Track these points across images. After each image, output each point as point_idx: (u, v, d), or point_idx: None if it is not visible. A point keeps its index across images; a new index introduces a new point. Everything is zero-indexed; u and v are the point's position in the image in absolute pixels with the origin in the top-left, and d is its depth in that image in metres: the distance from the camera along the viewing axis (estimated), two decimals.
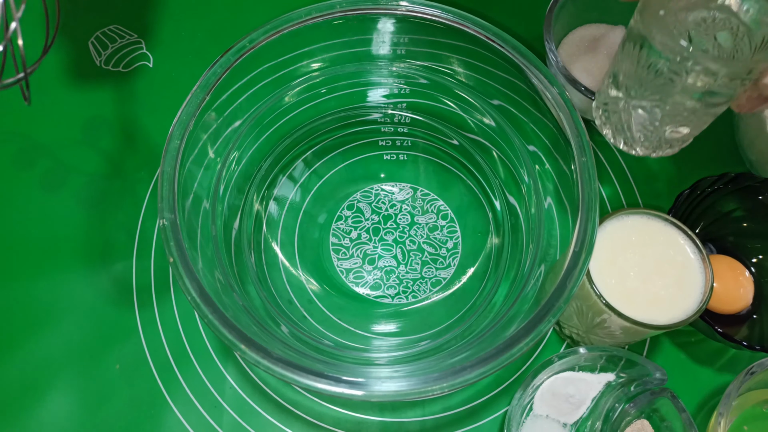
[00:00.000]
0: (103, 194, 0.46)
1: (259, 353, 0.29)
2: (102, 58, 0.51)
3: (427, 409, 0.40)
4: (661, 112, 0.31)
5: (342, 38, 0.39)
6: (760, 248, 0.42)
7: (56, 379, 0.40)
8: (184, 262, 0.31)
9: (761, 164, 0.44)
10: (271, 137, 0.42)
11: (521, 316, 0.32)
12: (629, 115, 0.32)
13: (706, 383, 0.41)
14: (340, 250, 0.43)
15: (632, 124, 0.33)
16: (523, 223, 0.40)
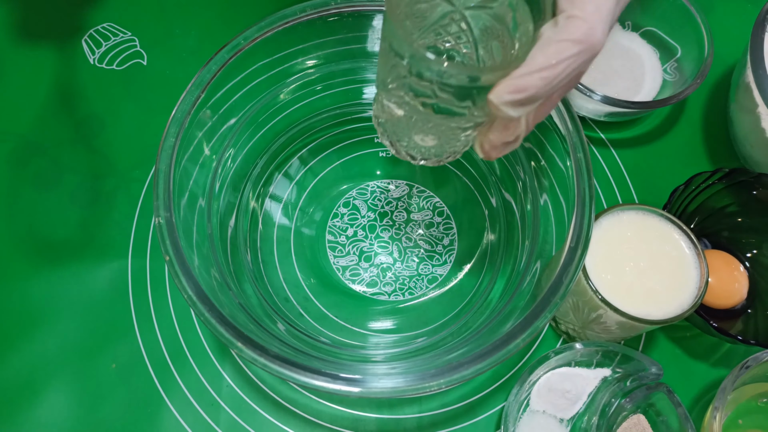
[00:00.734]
0: (98, 193, 0.46)
1: (256, 351, 0.29)
2: (96, 56, 0.51)
3: (424, 406, 0.40)
4: (408, 121, 0.28)
5: (337, 35, 0.39)
6: (754, 243, 0.42)
7: (52, 379, 0.40)
8: (180, 261, 0.31)
9: (755, 159, 0.45)
10: (266, 135, 0.42)
11: (517, 313, 0.32)
12: (394, 126, 0.30)
13: (702, 378, 0.41)
14: (336, 248, 0.43)
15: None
16: (519, 220, 0.40)
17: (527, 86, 0.22)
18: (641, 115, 0.49)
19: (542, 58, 0.22)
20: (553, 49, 0.22)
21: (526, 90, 0.22)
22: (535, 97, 0.23)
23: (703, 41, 0.45)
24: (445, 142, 0.29)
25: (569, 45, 0.22)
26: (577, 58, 0.22)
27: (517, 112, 0.23)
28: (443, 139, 0.28)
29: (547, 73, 0.22)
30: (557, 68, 0.22)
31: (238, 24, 0.36)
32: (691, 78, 0.45)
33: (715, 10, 0.54)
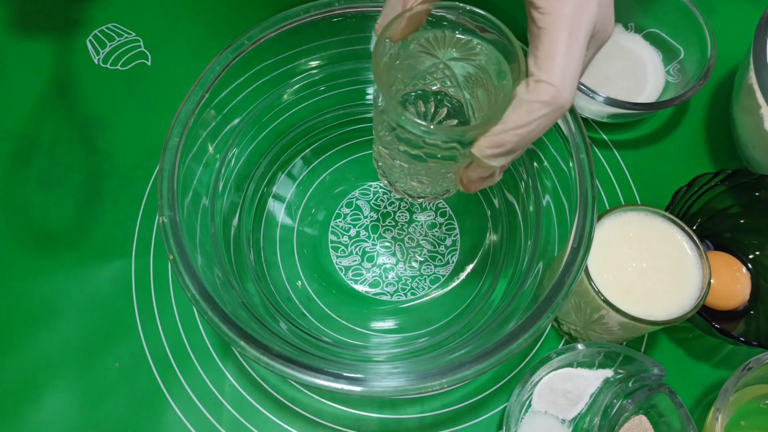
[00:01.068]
0: (101, 192, 0.46)
1: (259, 349, 0.29)
2: (100, 57, 0.51)
3: (426, 406, 0.40)
4: (401, 167, 0.31)
5: (341, 36, 0.39)
6: (756, 244, 0.42)
7: (55, 378, 0.40)
8: (183, 260, 0.31)
9: (758, 161, 0.45)
10: (269, 135, 0.42)
11: (519, 313, 0.32)
12: (390, 169, 0.32)
13: (704, 379, 0.41)
14: (339, 248, 0.43)
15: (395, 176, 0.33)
16: (522, 221, 0.40)
17: (504, 142, 0.25)
18: (644, 116, 0.49)
19: (516, 117, 0.24)
20: (525, 110, 0.24)
21: (504, 145, 0.25)
22: (512, 150, 0.25)
23: (705, 43, 0.45)
24: (438, 183, 0.31)
25: (539, 106, 0.24)
26: (546, 117, 0.24)
27: (497, 162, 0.26)
28: (435, 181, 0.31)
29: (521, 131, 0.24)
30: (529, 126, 0.24)
31: (241, 25, 0.36)
32: (694, 79, 0.45)
33: (717, 12, 0.54)
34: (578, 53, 0.24)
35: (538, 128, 0.24)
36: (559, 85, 0.24)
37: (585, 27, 0.24)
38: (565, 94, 0.24)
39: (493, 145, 0.25)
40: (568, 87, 0.24)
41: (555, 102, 0.24)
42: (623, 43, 0.50)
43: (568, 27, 0.24)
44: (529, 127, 0.24)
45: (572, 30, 0.24)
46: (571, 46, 0.24)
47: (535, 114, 0.24)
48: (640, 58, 0.50)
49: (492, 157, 0.25)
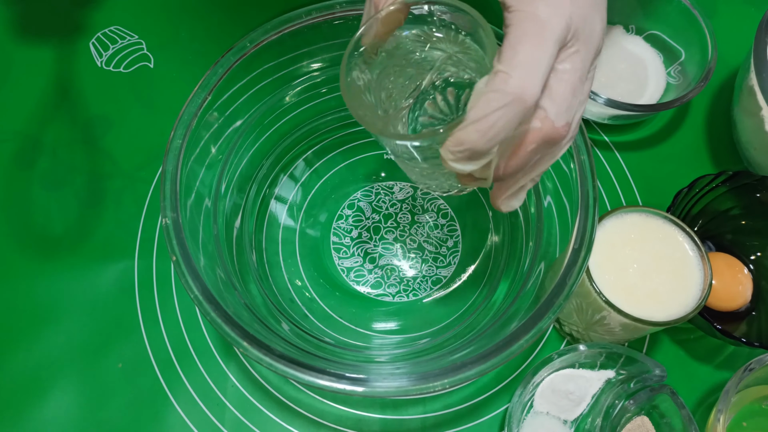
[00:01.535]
0: (105, 194, 0.46)
1: (261, 350, 0.29)
2: (103, 59, 0.51)
3: (428, 407, 0.40)
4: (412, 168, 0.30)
5: (342, 38, 0.39)
6: (758, 245, 0.42)
7: (59, 378, 0.40)
8: (186, 261, 0.31)
9: (759, 162, 0.45)
10: (271, 137, 0.42)
11: (521, 314, 0.32)
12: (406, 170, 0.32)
13: (705, 380, 0.41)
14: (341, 249, 0.44)
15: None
16: (523, 222, 0.40)
17: (464, 139, 0.23)
18: (645, 118, 0.49)
19: (473, 111, 0.23)
20: (481, 102, 0.22)
21: (464, 143, 0.23)
22: (475, 151, 0.23)
23: (706, 45, 0.46)
24: (448, 179, 0.30)
25: (495, 97, 0.22)
26: (505, 110, 0.22)
27: (465, 165, 0.24)
28: (446, 178, 0.30)
29: (480, 125, 0.22)
30: (488, 120, 0.22)
31: (244, 27, 0.36)
32: (695, 81, 0.45)
33: (718, 14, 0.54)
34: (543, 46, 0.23)
35: (499, 123, 0.22)
36: (516, 75, 0.22)
37: (554, 22, 0.23)
38: (525, 84, 0.22)
39: (455, 143, 0.23)
40: (529, 78, 0.22)
41: (512, 92, 0.22)
42: (624, 45, 0.51)
43: (533, 20, 0.23)
44: (487, 122, 0.22)
45: (537, 23, 0.23)
46: (535, 38, 0.23)
47: (491, 105, 0.22)
48: (641, 60, 0.50)
49: (457, 160, 0.24)
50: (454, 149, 0.23)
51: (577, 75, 0.24)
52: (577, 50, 0.24)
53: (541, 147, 0.24)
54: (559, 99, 0.23)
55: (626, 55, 0.50)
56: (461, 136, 0.23)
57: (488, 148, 0.23)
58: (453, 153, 0.24)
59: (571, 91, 0.24)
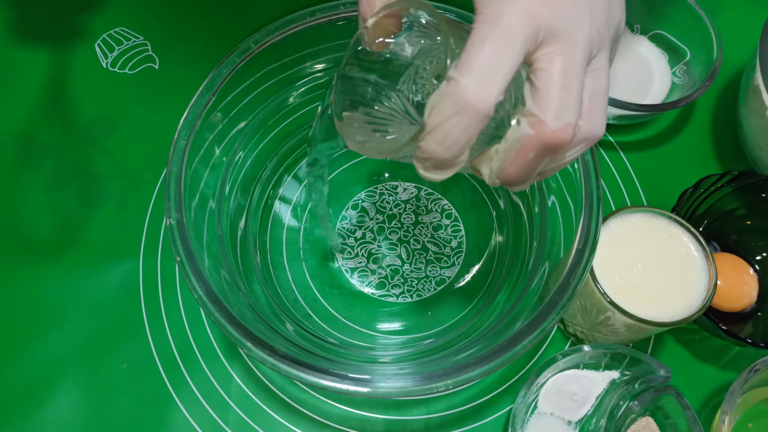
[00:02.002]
0: (109, 195, 0.46)
1: (265, 350, 0.29)
2: (108, 60, 0.51)
3: (431, 407, 0.40)
4: None
5: (346, 39, 0.39)
6: (763, 246, 0.42)
7: (63, 378, 0.40)
8: (190, 261, 0.31)
9: (764, 162, 0.44)
10: (275, 137, 0.42)
11: (525, 314, 0.32)
12: None
13: (711, 381, 0.41)
14: (345, 250, 0.44)
15: None
16: (527, 222, 0.40)
17: (425, 149, 0.22)
18: (650, 117, 0.49)
19: (429, 119, 0.22)
20: (435, 110, 0.22)
21: (425, 153, 0.22)
22: (438, 161, 0.22)
23: (711, 44, 0.45)
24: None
25: (446, 105, 0.21)
26: (459, 119, 0.21)
27: (436, 175, 0.23)
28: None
29: (435, 135, 0.22)
30: (443, 129, 0.21)
31: (248, 28, 0.36)
32: (700, 81, 0.45)
33: (723, 13, 0.54)
34: (499, 50, 0.21)
35: (454, 132, 0.21)
36: (464, 81, 0.21)
37: (515, 23, 0.21)
38: (476, 91, 0.21)
39: (420, 153, 0.23)
40: (481, 85, 0.21)
41: (462, 99, 0.21)
42: (629, 45, 0.50)
43: (492, 23, 0.21)
44: (442, 131, 0.21)
45: (495, 25, 0.21)
46: (491, 42, 0.21)
47: (443, 114, 0.21)
48: (646, 59, 0.50)
49: (426, 170, 0.23)
50: (421, 158, 0.23)
51: (563, 74, 0.22)
52: (557, 49, 0.22)
53: (542, 153, 0.23)
54: (547, 101, 0.22)
55: (631, 55, 0.50)
56: (423, 146, 0.22)
57: (451, 157, 0.22)
58: (421, 162, 0.23)
59: (560, 91, 0.22)
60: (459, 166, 0.23)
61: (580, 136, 0.24)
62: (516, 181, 0.24)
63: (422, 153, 0.23)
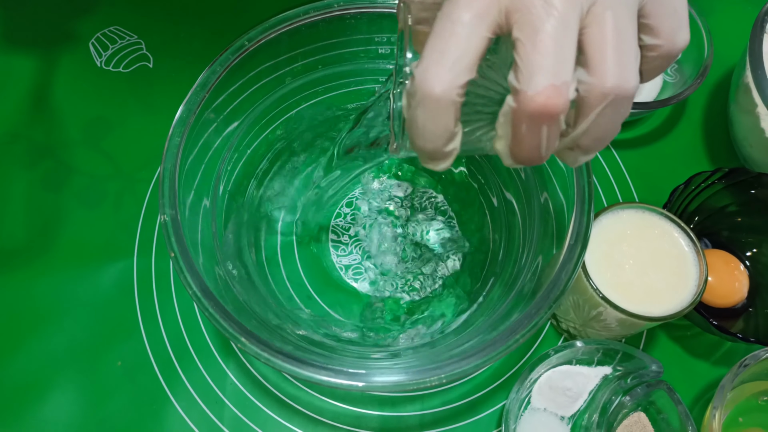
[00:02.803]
0: (104, 194, 0.46)
1: (260, 345, 0.29)
2: (102, 59, 0.51)
3: (426, 404, 0.40)
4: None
5: (340, 37, 0.39)
6: (754, 242, 0.43)
7: (58, 377, 0.40)
8: (185, 257, 0.31)
9: (755, 159, 0.45)
10: (269, 135, 0.43)
11: (518, 309, 0.32)
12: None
13: (703, 376, 0.42)
14: (339, 247, 0.44)
15: None
16: (520, 218, 0.40)
17: (411, 143, 0.23)
18: (642, 116, 0.49)
19: (405, 115, 0.23)
20: (404, 106, 0.22)
21: (413, 146, 0.23)
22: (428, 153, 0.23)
23: (702, 43, 0.46)
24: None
25: (409, 98, 0.22)
26: (422, 110, 0.22)
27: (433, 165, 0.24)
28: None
29: (412, 128, 0.22)
30: (415, 122, 0.22)
31: (242, 27, 0.36)
32: (691, 79, 0.45)
33: (716, 12, 0.55)
34: (447, 31, 0.21)
35: (426, 123, 0.22)
36: (417, 71, 0.21)
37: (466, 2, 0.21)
38: (425, 77, 0.21)
39: (411, 146, 0.23)
40: (432, 71, 0.21)
41: (419, 89, 0.21)
42: None
43: (445, 12, 0.21)
44: (415, 124, 0.22)
45: (445, 11, 0.21)
46: (441, 23, 0.21)
47: (409, 107, 0.22)
48: None
49: (423, 161, 0.24)
50: (415, 151, 0.23)
51: (534, 35, 0.20)
52: (521, 16, 0.20)
53: (533, 124, 0.21)
54: (521, 66, 0.20)
55: None
56: (409, 140, 0.23)
57: (434, 148, 0.23)
58: (418, 154, 0.24)
59: (531, 52, 0.20)
60: (451, 154, 0.23)
61: (596, 92, 0.21)
62: (527, 159, 0.23)
63: (412, 146, 0.23)
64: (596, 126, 0.22)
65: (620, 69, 0.21)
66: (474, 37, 0.21)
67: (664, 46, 0.23)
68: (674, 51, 0.23)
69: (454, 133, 0.22)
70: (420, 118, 0.22)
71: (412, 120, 0.22)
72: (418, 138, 0.22)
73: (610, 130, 0.22)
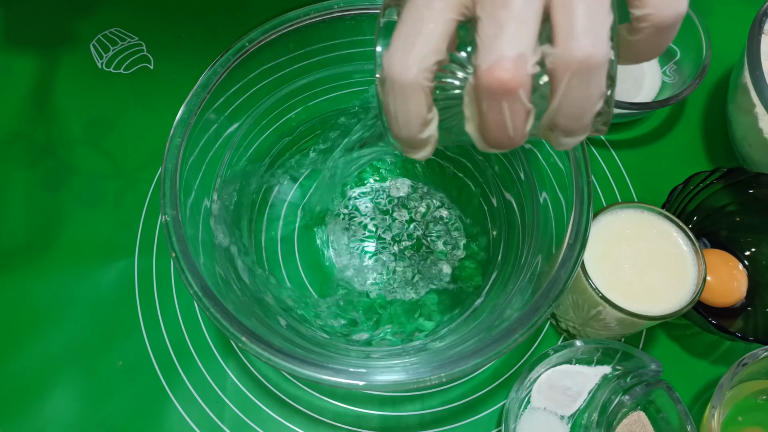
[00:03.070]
0: (105, 194, 0.46)
1: (260, 345, 0.29)
2: (104, 61, 0.51)
3: (426, 403, 0.40)
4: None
5: (340, 39, 0.39)
6: (752, 242, 0.43)
7: (59, 376, 0.40)
8: (185, 257, 0.31)
9: (753, 159, 0.45)
10: (270, 136, 0.43)
11: (518, 308, 0.32)
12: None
13: (702, 375, 0.42)
14: (339, 247, 0.44)
15: None
16: (519, 218, 0.41)
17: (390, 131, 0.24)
18: (641, 116, 0.49)
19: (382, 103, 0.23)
20: (378, 94, 0.23)
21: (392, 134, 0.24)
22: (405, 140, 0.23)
23: (701, 43, 0.46)
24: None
25: (380, 86, 0.22)
26: (392, 97, 0.22)
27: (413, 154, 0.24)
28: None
29: (387, 115, 0.23)
30: (389, 110, 0.22)
31: (243, 28, 0.36)
32: (690, 79, 0.46)
33: (715, 13, 0.55)
34: (413, 17, 0.21)
35: (398, 110, 0.22)
36: (384, 59, 0.21)
37: None
38: (394, 63, 0.21)
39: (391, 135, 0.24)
40: (397, 57, 0.21)
41: (386, 76, 0.21)
42: None
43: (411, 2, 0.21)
44: (389, 111, 0.22)
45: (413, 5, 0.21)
46: (407, 9, 0.21)
47: (382, 95, 0.22)
48: None
49: (404, 151, 0.24)
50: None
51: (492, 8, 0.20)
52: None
53: (493, 101, 0.20)
54: (477, 41, 0.20)
55: None
56: (389, 129, 0.23)
57: (410, 135, 0.23)
58: (399, 143, 0.24)
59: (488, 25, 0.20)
60: (428, 141, 0.23)
61: (560, 63, 0.20)
62: (496, 141, 0.22)
63: (392, 135, 0.23)
64: (567, 101, 0.20)
65: (584, 37, 0.19)
66: (438, 20, 0.21)
67: (654, 15, 0.21)
68: (666, 20, 0.21)
69: (428, 120, 0.22)
70: (391, 105, 0.22)
71: (386, 108, 0.22)
72: (392, 125, 0.23)
73: (582, 106, 0.20)
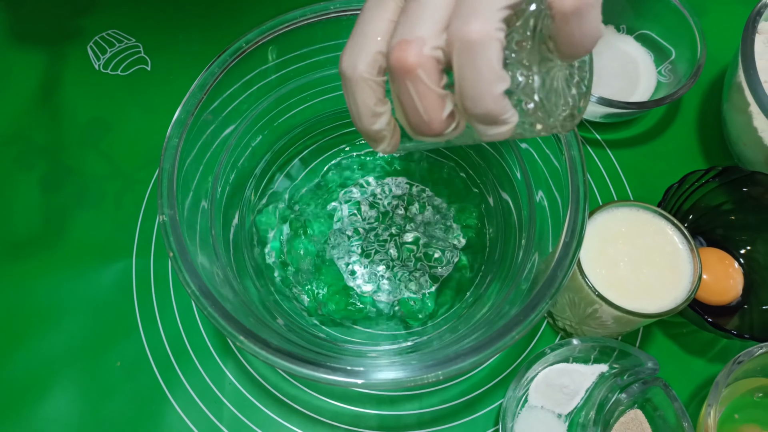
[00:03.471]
0: (103, 194, 0.46)
1: (258, 344, 0.29)
2: (101, 62, 0.52)
3: (424, 402, 0.40)
4: None
5: (337, 39, 0.40)
6: (748, 240, 0.43)
7: (58, 377, 0.41)
8: (183, 257, 0.31)
9: (748, 157, 0.45)
10: (268, 137, 0.43)
11: (514, 307, 0.33)
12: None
13: (699, 373, 0.42)
14: (337, 246, 0.44)
15: None
16: (516, 216, 0.41)
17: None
18: (637, 115, 0.49)
19: None
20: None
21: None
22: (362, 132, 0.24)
23: (696, 43, 0.46)
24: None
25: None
26: (345, 90, 0.23)
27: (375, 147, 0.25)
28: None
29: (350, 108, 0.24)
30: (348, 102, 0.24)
31: (240, 29, 0.36)
32: (685, 79, 0.46)
33: (709, 13, 0.55)
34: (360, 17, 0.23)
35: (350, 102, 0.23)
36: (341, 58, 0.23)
37: None
38: (344, 58, 0.23)
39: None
40: (342, 53, 0.23)
41: (340, 71, 0.23)
42: (616, 44, 0.51)
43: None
44: (348, 104, 0.24)
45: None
46: (360, 12, 0.23)
47: (343, 87, 0.24)
48: (632, 58, 0.51)
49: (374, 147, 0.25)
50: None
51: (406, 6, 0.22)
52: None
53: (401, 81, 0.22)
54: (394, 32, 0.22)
55: (618, 54, 0.51)
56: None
57: (363, 126, 0.24)
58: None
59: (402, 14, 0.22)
60: (382, 134, 0.24)
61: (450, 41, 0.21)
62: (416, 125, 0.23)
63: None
64: (462, 81, 0.21)
65: (468, 17, 0.20)
66: (376, 19, 0.23)
67: (555, 2, 0.20)
68: (565, 6, 0.20)
69: (378, 113, 0.23)
70: (346, 99, 0.24)
71: (347, 101, 0.24)
72: (352, 118, 0.24)
73: (477, 86, 0.21)
